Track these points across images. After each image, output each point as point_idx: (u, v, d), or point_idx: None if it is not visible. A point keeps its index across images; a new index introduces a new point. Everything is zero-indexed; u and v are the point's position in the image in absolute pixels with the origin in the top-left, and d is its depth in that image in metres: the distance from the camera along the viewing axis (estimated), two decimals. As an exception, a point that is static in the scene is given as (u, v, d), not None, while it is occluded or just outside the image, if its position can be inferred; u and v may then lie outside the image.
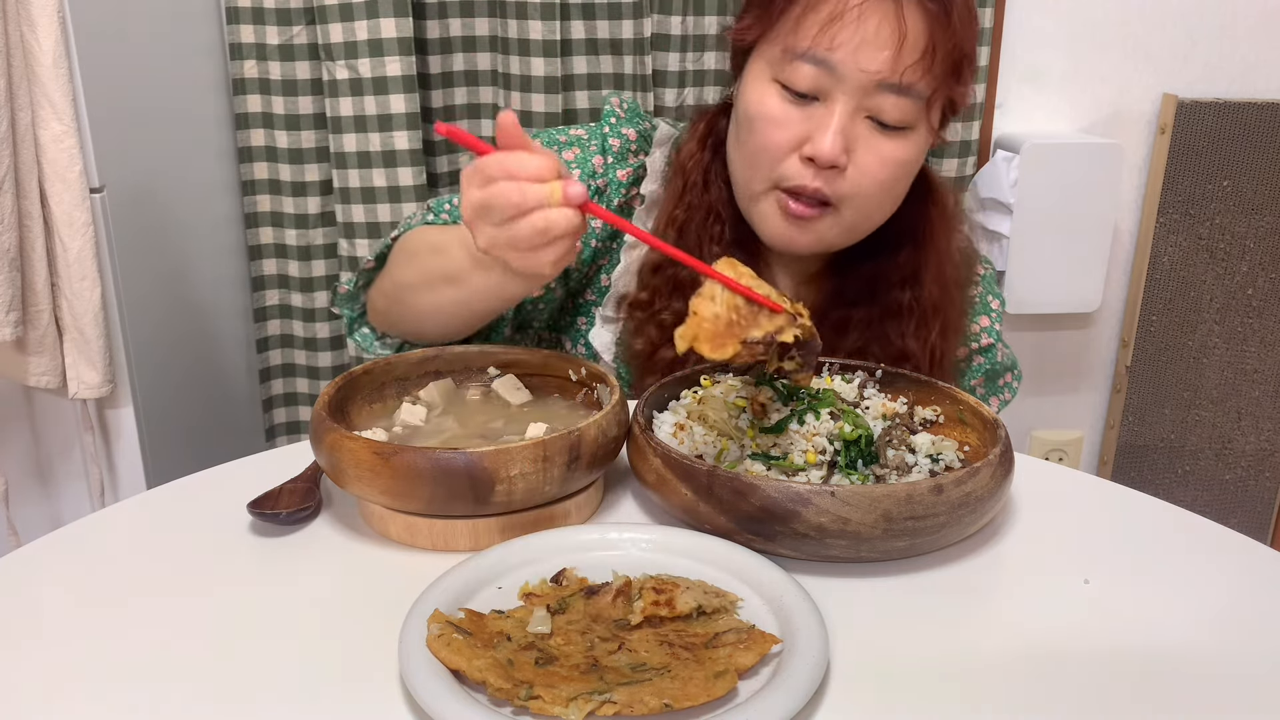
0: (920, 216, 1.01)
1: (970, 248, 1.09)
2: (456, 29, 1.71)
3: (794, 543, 0.67)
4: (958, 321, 1.04)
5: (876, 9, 0.85)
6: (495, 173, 0.70)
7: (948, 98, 0.93)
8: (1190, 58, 1.84)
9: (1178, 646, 0.62)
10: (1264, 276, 1.92)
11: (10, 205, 1.24)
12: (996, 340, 1.10)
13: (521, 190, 0.69)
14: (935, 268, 1.01)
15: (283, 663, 0.60)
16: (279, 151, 1.73)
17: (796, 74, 0.89)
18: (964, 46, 0.90)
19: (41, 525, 1.48)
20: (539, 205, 0.70)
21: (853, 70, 0.87)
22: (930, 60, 0.87)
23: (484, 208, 0.71)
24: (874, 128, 0.90)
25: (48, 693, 0.57)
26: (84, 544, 0.73)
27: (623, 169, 1.05)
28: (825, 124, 0.89)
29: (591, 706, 0.52)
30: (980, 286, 1.10)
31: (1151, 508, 0.80)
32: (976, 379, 1.11)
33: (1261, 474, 2.05)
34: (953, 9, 0.87)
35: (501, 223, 0.71)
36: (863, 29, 0.86)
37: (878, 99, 0.88)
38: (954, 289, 1.03)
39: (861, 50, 0.86)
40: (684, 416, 0.80)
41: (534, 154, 0.71)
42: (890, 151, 0.91)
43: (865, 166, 0.90)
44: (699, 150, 1.02)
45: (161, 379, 1.54)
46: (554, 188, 0.70)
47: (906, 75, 0.87)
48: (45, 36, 1.26)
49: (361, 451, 0.68)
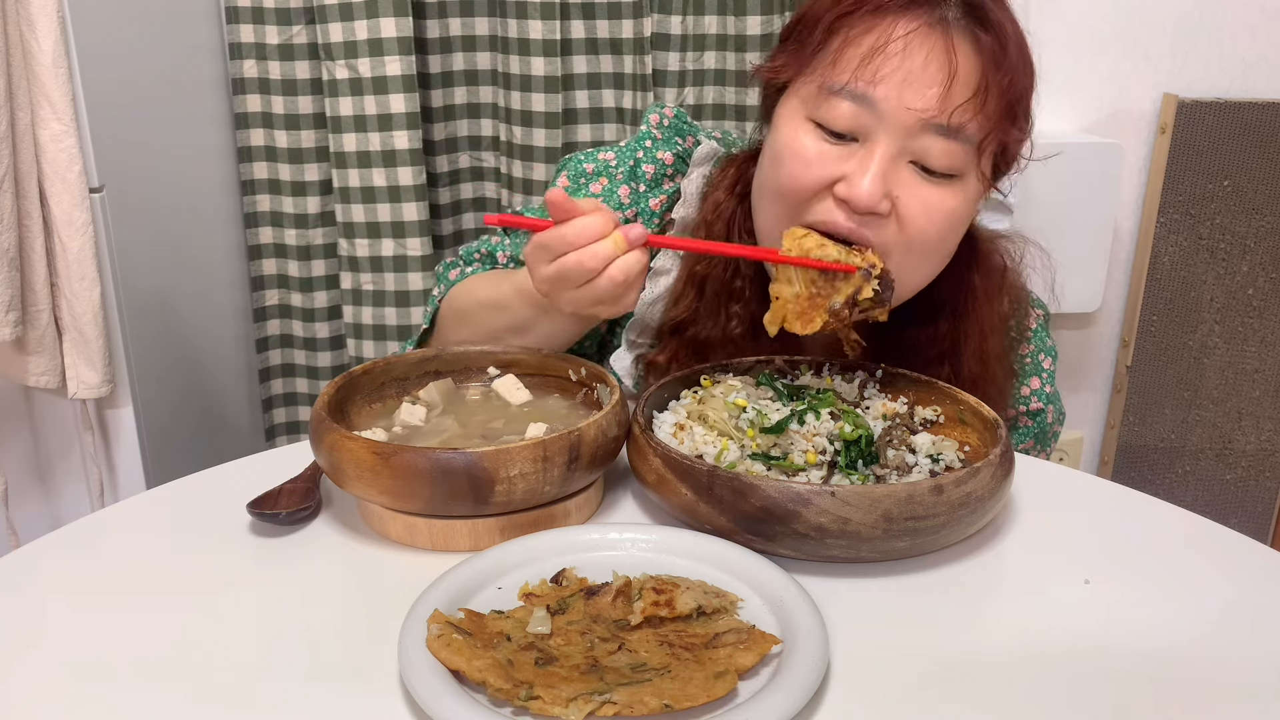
0: (962, 283, 0.93)
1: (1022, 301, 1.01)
2: (456, 28, 1.71)
3: (794, 543, 0.67)
4: (999, 397, 0.96)
5: (924, 42, 0.77)
6: (559, 247, 0.75)
7: (1001, 142, 0.83)
8: (1190, 58, 1.84)
9: (1178, 646, 0.62)
10: (1265, 276, 1.92)
11: (10, 205, 1.24)
12: (1046, 404, 1.03)
13: (591, 254, 0.74)
14: (977, 341, 0.93)
15: (282, 663, 0.60)
16: (279, 151, 1.73)
17: (834, 111, 0.80)
18: (1019, 85, 0.81)
19: (41, 525, 1.48)
20: (608, 260, 0.74)
21: (896, 108, 0.78)
22: (983, 100, 0.78)
23: (559, 280, 0.76)
24: (918, 174, 0.81)
25: (48, 693, 0.57)
26: (84, 544, 0.73)
27: (655, 197, 0.99)
28: (864, 165, 0.79)
29: (591, 707, 0.52)
30: (1031, 344, 1.02)
31: (1151, 508, 0.80)
32: (1026, 442, 1.04)
33: (1262, 474, 2.05)
34: (1008, 44, 0.79)
35: (580, 286, 0.76)
36: (908, 63, 0.77)
37: (924, 141, 0.79)
38: (995, 364, 0.95)
39: (907, 86, 0.77)
40: (684, 416, 0.80)
41: (588, 216, 0.75)
42: (938, 201, 0.81)
43: (909, 216, 0.81)
44: (725, 198, 0.95)
45: (161, 379, 1.54)
46: (616, 238, 0.75)
47: (956, 116, 0.78)
48: (45, 36, 1.26)
49: (361, 451, 0.68)
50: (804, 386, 0.86)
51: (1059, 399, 1.06)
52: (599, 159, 1.01)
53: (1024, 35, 0.83)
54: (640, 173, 1.00)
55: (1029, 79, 0.83)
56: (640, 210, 0.99)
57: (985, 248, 0.95)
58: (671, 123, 1.02)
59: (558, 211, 0.76)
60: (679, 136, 1.02)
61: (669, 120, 1.02)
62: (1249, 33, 1.82)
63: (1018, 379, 1.01)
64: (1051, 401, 1.04)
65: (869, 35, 0.79)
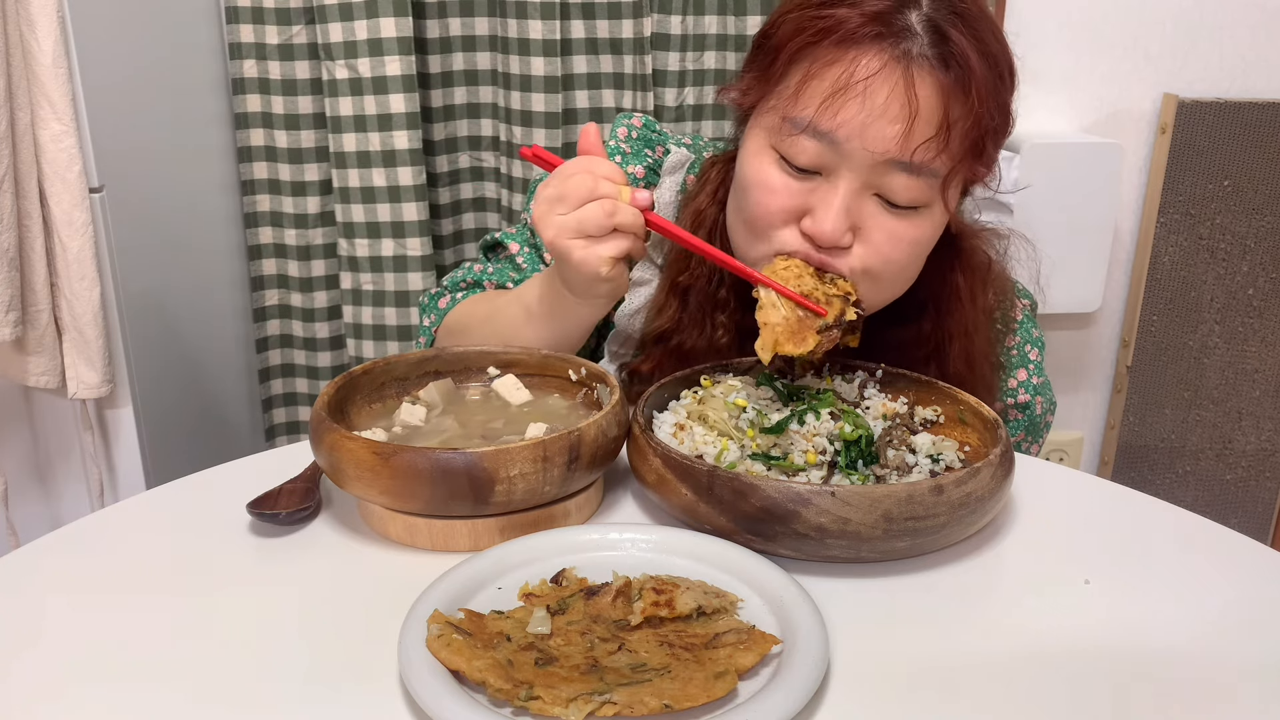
0: (945, 283, 0.93)
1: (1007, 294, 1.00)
2: (456, 28, 1.71)
3: (794, 543, 0.67)
4: (985, 395, 0.94)
5: (885, 81, 0.76)
6: (573, 169, 0.79)
7: (966, 179, 0.84)
8: (1190, 58, 1.84)
9: (1178, 646, 0.62)
10: (1265, 276, 1.92)
11: (10, 205, 1.24)
12: (1034, 395, 1.02)
13: (595, 179, 0.78)
14: (962, 341, 0.93)
15: (282, 663, 0.60)
16: (278, 151, 1.73)
17: (797, 148, 0.80)
18: (985, 122, 0.79)
19: (41, 525, 1.48)
20: (608, 196, 0.77)
21: (858, 148, 0.78)
22: (945, 138, 0.78)
23: (558, 198, 0.79)
24: (883, 206, 0.81)
25: (48, 693, 0.57)
26: (84, 544, 0.73)
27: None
28: (829, 201, 0.80)
29: (591, 707, 0.52)
30: (1018, 336, 1.02)
31: (1151, 508, 0.80)
32: (1017, 434, 1.04)
33: (1262, 474, 2.05)
34: (971, 81, 0.77)
35: (572, 208, 0.78)
36: (870, 103, 0.77)
37: (887, 178, 0.79)
38: (981, 363, 0.95)
39: (869, 127, 0.77)
40: (684, 416, 0.80)
41: (608, 162, 0.80)
42: (901, 231, 0.82)
43: (874, 245, 0.82)
44: (707, 205, 0.95)
45: (161, 379, 1.54)
46: (623, 190, 0.78)
47: (919, 154, 0.78)
48: (45, 36, 1.26)
49: (361, 452, 0.68)
50: (804, 386, 0.86)
51: (1048, 389, 1.05)
52: None
53: (1000, 63, 0.81)
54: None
55: (997, 110, 0.81)
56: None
57: (968, 245, 0.94)
58: (640, 133, 1.02)
59: (587, 146, 0.81)
60: (648, 148, 1.02)
61: (637, 131, 1.02)
62: (1249, 33, 1.83)
63: (1005, 371, 1.01)
64: (1040, 392, 1.03)
65: (831, 69, 0.78)
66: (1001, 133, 0.83)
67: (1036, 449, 1.07)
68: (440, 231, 1.80)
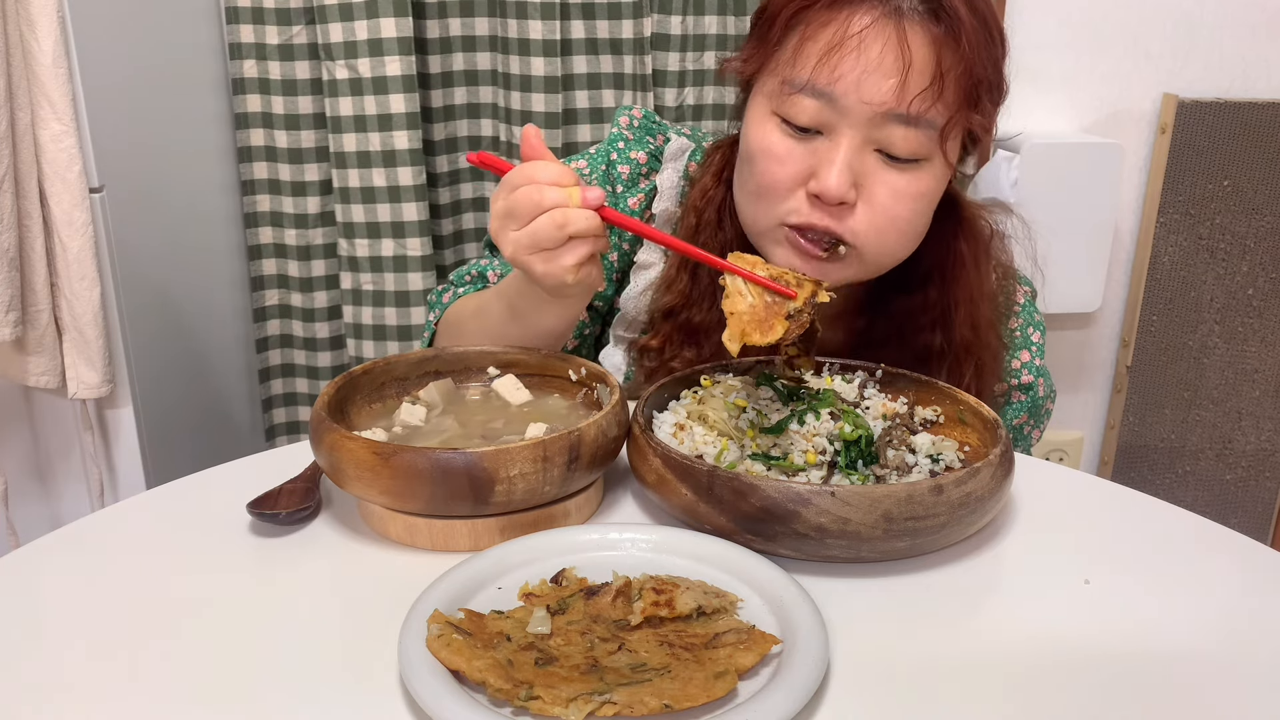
0: (949, 250, 0.95)
1: (1009, 276, 1.02)
2: (456, 29, 1.71)
3: (794, 543, 0.67)
4: (993, 363, 0.98)
5: (878, 35, 0.80)
6: (518, 180, 0.76)
7: (964, 128, 0.85)
8: (1190, 58, 1.84)
9: (1178, 646, 0.62)
10: (1264, 276, 1.92)
11: (10, 205, 1.24)
12: (1037, 376, 1.04)
13: (540, 190, 0.74)
14: (967, 307, 0.95)
15: (282, 663, 0.60)
16: (279, 151, 1.73)
17: (797, 108, 0.83)
18: (978, 70, 0.82)
19: (41, 525, 1.48)
20: (557, 205, 0.74)
21: (856, 103, 0.81)
22: (939, 88, 0.80)
23: (508, 214, 0.76)
24: (884, 160, 0.84)
25: (48, 693, 0.57)
26: (84, 544, 0.73)
27: (633, 196, 1.01)
28: (830, 159, 0.83)
29: (591, 707, 0.52)
30: (1020, 318, 1.03)
31: (1151, 508, 0.80)
32: (1020, 416, 1.05)
33: (1261, 474, 2.05)
34: (961, 31, 0.80)
35: (523, 224, 0.75)
36: (864, 58, 0.80)
37: (886, 131, 0.82)
38: (987, 330, 0.96)
39: (865, 81, 0.80)
40: (684, 416, 0.80)
41: (551, 161, 0.76)
42: (904, 185, 0.84)
43: (877, 201, 0.84)
44: (713, 185, 0.97)
45: (161, 379, 1.54)
46: (571, 192, 0.75)
47: (914, 105, 0.80)
48: (45, 36, 1.26)
49: (361, 452, 0.68)
50: (804, 386, 0.86)
51: (1049, 375, 1.07)
52: (573, 166, 1.02)
53: (988, 21, 0.84)
54: (616, 174, 1.02)
55: (989, 63, 0.83)
56: (619, 209, 1.01)
57: (970, 214, 0.97)
58: (641, 123, 1.04)
59: (529, 149, 0.78)
60: (650, 135, 1.04)
61: (638, 121, 1.04)
62: (1249, 33, 1.83)
63: (1008, 351, 1.02)
64: (1042, 375, 1.05)
65: (826, 30, 0.81)
66: (996, 89, 0.85)
67: (1038, 434, 1.08)
68: (440, 231, 1.80)
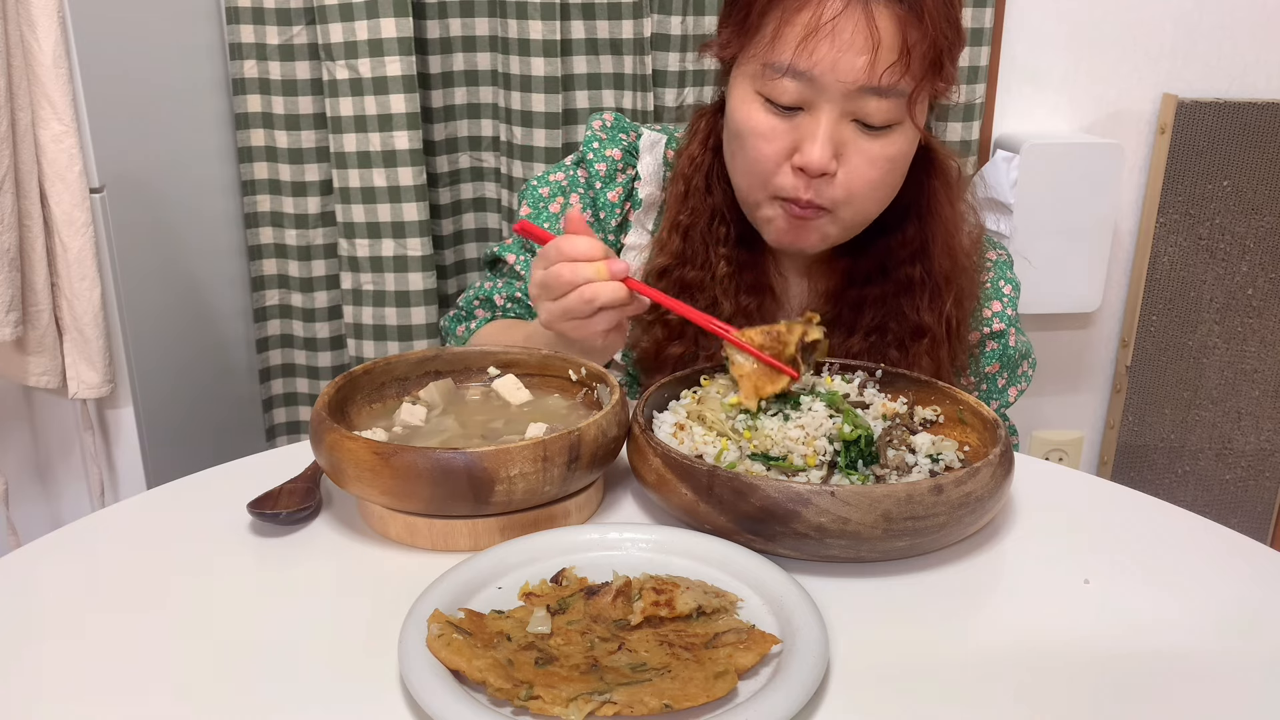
0: (923, 190, 1.02)
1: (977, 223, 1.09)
2: (456, 29, 1.71)
3: (794, 543, 0.67)
4: (972, 289, 1.05)
5: (849, 18, 0.87)
6: (553, 256, 0.84)
7: (930, 93, 0.94)
8: (1190, 58, 1.84)
9: (1178, 646, 0.62)
10: (1264, 276, 1.92)
11: (10, 205, 1.24)
12: (1009, 325, 1.10)
13: (573, 269, 0.82)
14: (943, 239, 1.02)
15: (283, 663, 0.60)
16: (279, 151, 1.73)
17: (778, 88, 0.91)
18: (940, 42, 0.90)
19: (41, 525, 1.48)
20: (587, 281, 0.82)
21: (833, 81, 0.89)
22: (907, 61, 0.88)
23: (543, 286, 0.85)
24: (860, 129, 0.92)
25: (48, 693, 0.57)
26: (84, 544, 0.73)
27: (612, 190, 1.09)
28: (812, 133, 0.91)
29: (591, 707, 0.52)
30: (992, 272, 1.11)
31: (1151, 508, 0.80)
32: (992, 365, 1.11)
33: (1261, 474, 2.05)
34: (923, 8, 0.88)
35: (557, 297, 0.83)
36: (838, 40, 0.87)
37: (860, 103, 0.90)
38: (963, 257, 1.04)
39: (840, 61, 0.88)
40: (684, 416, 0.80)
41: (585, 237, 0.84)
42: (879, 150, 0.93)
43: (856, 169, 0.93)
44: (700, 152, 1.04)
45: (161, 379, 1.53)
46: (599, 266, 0.82)
47: (885, 78, 0.88)
48: (45, 36, 1.26)
49: (361, 451, 0.68)
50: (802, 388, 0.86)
51: (1024, 332, 1.13)
52: (551, 181, 1.11)
53: None
54: (594, 172, 1.09)
55: (952, 32, 0.92)
56: (600, 204, 1.09)
57: (941, 156, 1.04)
58: (614, 124, 1.12)
59: (571, 225, 0.86)
60: (623, 133, 1.11)
61: (610, 123, 1.12)
62: (1249, 33, 1.83)
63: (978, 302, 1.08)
64: (1013, 325, 1.11)
65: (801, 15, 0.88)
66: (956, 47, 0.94)
67: (1015, 392, 1.14)
68: (440, 231, 1.80)
